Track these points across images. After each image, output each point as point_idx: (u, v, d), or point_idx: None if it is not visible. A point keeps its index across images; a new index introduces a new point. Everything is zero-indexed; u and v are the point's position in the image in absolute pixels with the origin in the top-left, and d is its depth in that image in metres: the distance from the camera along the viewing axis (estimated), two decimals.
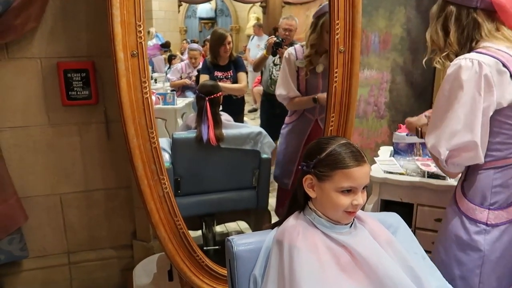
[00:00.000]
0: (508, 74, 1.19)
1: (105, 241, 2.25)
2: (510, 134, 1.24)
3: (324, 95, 1.87)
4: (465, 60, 1.19)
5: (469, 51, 1.24)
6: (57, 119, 2.02)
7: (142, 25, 1.44)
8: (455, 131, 1.20)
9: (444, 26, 1.28)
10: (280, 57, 2.35)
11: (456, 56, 1.26)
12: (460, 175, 1.36)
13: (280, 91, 2.14)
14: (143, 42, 1.45)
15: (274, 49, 2.30)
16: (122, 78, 1.44)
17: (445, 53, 1.29)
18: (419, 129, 1.48)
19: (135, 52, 1.44)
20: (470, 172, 1.31)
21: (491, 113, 1.21)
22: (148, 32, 2.50)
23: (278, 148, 2.34)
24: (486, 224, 1.25)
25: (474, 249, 1.27)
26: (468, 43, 1.25)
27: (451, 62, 1.25)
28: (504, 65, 1.19)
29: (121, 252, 2.28)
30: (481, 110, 1.18)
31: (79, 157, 2.10)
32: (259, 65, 2.56)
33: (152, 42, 2.72)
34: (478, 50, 1.23)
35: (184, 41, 3.19)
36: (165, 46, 2.89)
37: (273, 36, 2.35)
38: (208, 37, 2.64)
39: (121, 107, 1.46)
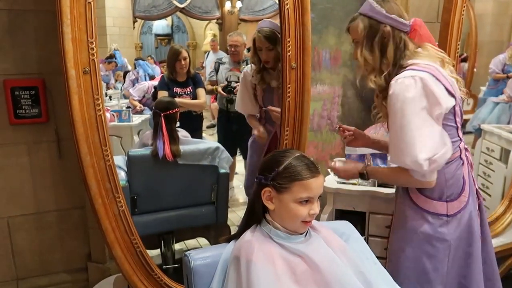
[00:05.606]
0: (443, 87, 1.30)
1: (58, 265, 2.15)
2: (452, 133, 1.36)
3: (275, 108, 1.95)
4: (408, 79, 1.27)
5: (399, 69, 1.35)
6: (5, 139, 1.94)
7: (94, 42, 1.42)
8: (424, 142, 1.25)
9: (382, 46, 1.37)
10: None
11: (389, 74, 1.36)
12: None
13: (238, 108, 2.22)
14: (95, 59, 1.44)
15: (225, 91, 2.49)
16: (74, 96, 1.41)
17: (384, 73, 1.37)
18: (365, 172, 1.48)
19: (87, 69, 1.42)
20: None
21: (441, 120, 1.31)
22: None
23: (247, 160, 2.37)
24: (447, 216, 1.35)
25: (441, 240, 1.35)
26: (399, 62, 1.36)
27: (386, 80, 1.35)
28: (437, 79, 1.30)
29: (76, 275, 2.18)
30: (436, 120, 1.28)
31: (29, 177, 2.01)
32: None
33: None
34: (411, 67, 1.33)
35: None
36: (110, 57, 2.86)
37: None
38: None
39: (73, 125, 1.43)
